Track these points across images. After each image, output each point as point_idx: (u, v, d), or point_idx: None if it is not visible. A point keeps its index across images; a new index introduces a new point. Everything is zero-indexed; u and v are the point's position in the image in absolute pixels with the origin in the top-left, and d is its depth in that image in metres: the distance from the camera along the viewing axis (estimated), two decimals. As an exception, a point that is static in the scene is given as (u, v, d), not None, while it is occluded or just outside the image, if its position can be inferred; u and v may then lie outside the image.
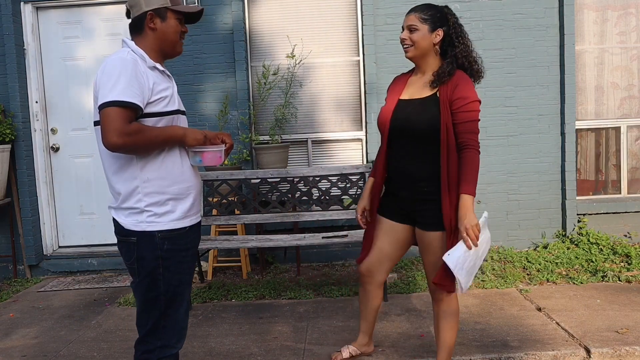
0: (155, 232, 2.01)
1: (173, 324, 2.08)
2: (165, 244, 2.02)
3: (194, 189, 2.14)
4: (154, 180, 2.02)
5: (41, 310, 4.25)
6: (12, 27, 5.02)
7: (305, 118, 5.27)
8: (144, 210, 2.01)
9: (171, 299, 2.07)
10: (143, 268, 2.03)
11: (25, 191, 5.11)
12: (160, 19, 2.08)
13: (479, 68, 2.63)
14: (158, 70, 2.08)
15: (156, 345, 2.06)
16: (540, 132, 5.18)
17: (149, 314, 2.06)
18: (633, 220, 5.20)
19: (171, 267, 2.05)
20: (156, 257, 2.02)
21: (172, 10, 2.09)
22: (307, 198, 4.53)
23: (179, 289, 2.08)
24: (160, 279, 2.03)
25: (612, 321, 3.44)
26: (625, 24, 5.30)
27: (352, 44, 5.24)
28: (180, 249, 2.07)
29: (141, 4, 2.07)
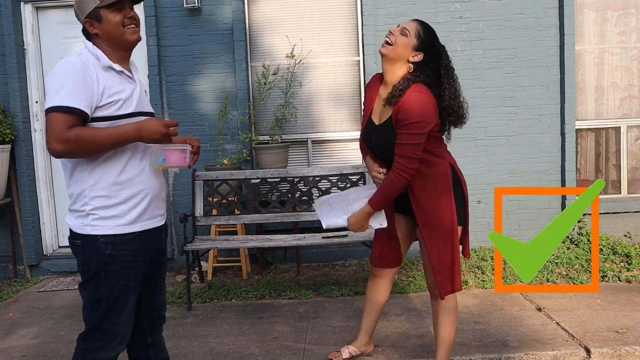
0: (98, 235, 1.99)
1: (113, 327, 2.06)
2: (109, 248, 1.99)
3: (148, 193, 2.08)
4: (102, 184, 1.99)
5: (41, 310, 4.25)
6: (12, 27, 5.02)
7: (305, 118, 5.27)
8: (89, 213, 1.99)
9: (113, 303, 2.03)
10: (87, 271, 2.02)
11: (25, 191, 5.11)
12: (97, 21, 2.04)
13: (463, 113, 2.59)
14: (115, 71, 2.04)
15: (96, 345, 2.06)
16: (540, 132, 5.19)
17: (91, 314, 2.05)
18: (633, 220, 5.20)
19: (115, 272, 2.01)
20: (99, 261, 1.99)
21: (104, 7, 2.03)
22: (307, 198, 4.53)
23: (123, 294, 2.04)
24: (102, 283, 2.01)
25: (612, 321, 3.44)
26: (625, 24, 5.30)
27: (352, 44, 5.24)
28: (126, 254, 2.02)
29: (79, 16, 2.07)
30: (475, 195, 5.21)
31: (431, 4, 5.06)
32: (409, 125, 2.45)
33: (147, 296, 2.22)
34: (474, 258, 4.91)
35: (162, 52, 5.11)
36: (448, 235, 2.62)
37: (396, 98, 2.50)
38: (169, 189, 5.18)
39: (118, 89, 2.01)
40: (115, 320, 2.05)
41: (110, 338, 2.06)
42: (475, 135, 5.17)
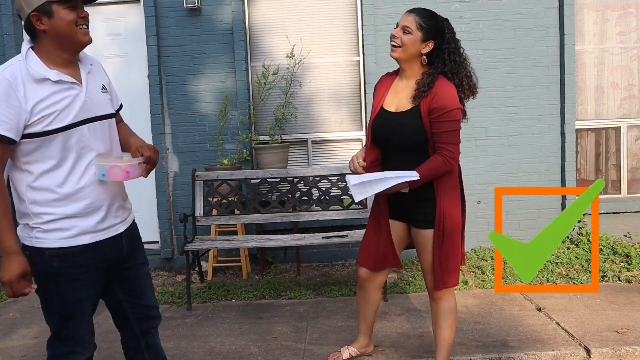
0: (43, 248, 1.91)
1: (74, 334, 2.00)
2: (55, 261, 1.91)
3: (99, 205, 1.98)
4: (42, 199, 1.91)
5: (41, 310, 4.24)
6: (12, 27, 5.02)
7: (305, 118, 5.27)
8: (32, 226, 1.93)
9: (68, 315, 1.97)
10: (37, 282, 1.97)
11: (25, 191, 5.10)
12: (47, 17, 1.84)
13: (472, 84, 2.62)
14: (50, 81, 1.86)
15: (63, 351, 2.02)
16: (540, 132, 5.19)
17: (49, 321, 2.01)
18: (633, 220, 5.20)
19: (63, 284, 1.93)
20: (46, 273, 1.93)
21: (57, 2, 1.83)
22: (307, 198, 4.53)
23: (77, 305, 1.97)
24: (53, 294, 1.95)
25: (612, 321, 3.44)
26: (625, 24, 5.30)
27: (352, 44, 5.24)
28: (75, 266, 1.93)
29: (24, 8, 1.85)
30: (475, 195, 5.21)
31: (431, 4, 5.05)
32: (449, 113, 2.52)
33: (129, 301, 2.14)
34: (474, 258, 4.91)
35: (162, 52, 5.11)
36: (458, 232, 2.66)
37: (426, 92, 2.54)
38: (168, 189, 5.18)
39: (52, 100, 1.85)
40: (74, 329, 1.99)
41: (74, 344, 2.02)
42: (475, 135, 5.17)
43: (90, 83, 2.00)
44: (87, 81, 1.98)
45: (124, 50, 5.27)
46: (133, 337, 2.20)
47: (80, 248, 1.94)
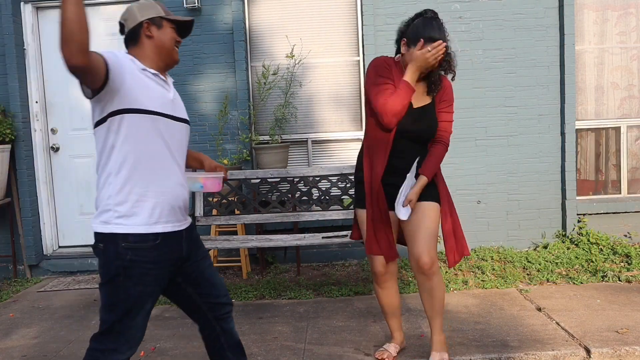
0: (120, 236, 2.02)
1: (127, 331, 2.08)
2: (129, 254, 2.02)
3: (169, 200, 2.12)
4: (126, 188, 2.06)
5: (41, 310, 4.25)
6: (12, 27, 5.02)
7: (305, 118, 5.27)
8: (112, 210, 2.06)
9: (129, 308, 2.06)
10: (106, 274, 2.05)
11: (25, 191, 5.11)
12: (156, 27, 2.17)
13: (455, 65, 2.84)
14: (149, 72, 2.11)
15: (108, 347, 2.08)
16: (540, 132, 5.19)
17: (106, 316, 2.07)
18: (633, 220, 5.20)
19: (133, 277, 2.04)
20: (118, 265, 2.02)
21: (167, 20, 2.19)
22: (307, 198, 4.53)
23: (139, 300, 2.07)
24: (120, 287, 2.04)
25: (612, 321, 3.44)
26: (625, 24, 5.30)
27: (352, 44, 5.24)
28: (146, 261, 2.05)
29: (136, 15, 2.15)
30: (475, 195, 5.21)
31: (431, 4, 5.06)
32: (452, 106, 2.89)
33: (199, 292, 2.28)
34: (474, 258, 4.91)
35: (162, 52, 5.11)
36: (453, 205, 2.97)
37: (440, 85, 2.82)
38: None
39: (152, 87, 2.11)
40: (129, 325, 2.08)
41: (122, 341, 2.08)
42: (475, 135, 5.17)
43: (174, 89, 2.27)
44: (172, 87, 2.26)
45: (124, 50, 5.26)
46: (208, 325, 2.34)
47: (153, 243, 2.06)
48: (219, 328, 2.35)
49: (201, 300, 2.29)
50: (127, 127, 2.02)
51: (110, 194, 2.04)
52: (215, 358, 2.42)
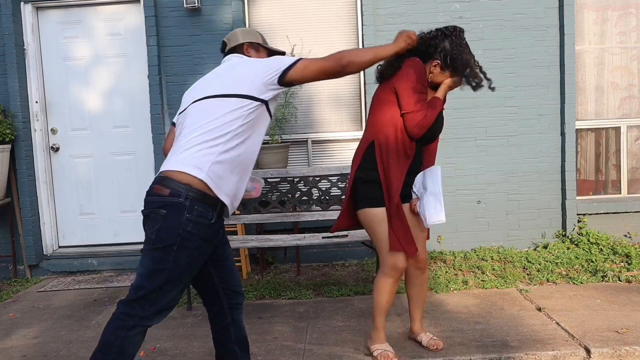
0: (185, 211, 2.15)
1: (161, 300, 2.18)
2: (190, 226, 2.15)
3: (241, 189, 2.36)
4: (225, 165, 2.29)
5: (41, 310, 4.25)
6: (12, 27, 5.02)
7: (305, 118, 5.27)
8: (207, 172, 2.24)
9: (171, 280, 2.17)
10: (160, 240, 2.15)
11: (25, 191, 5.11)
12: (254, 50, 2.55)
13: None
14: None
15: (138, 313, 2.16)
16: (540, 132, 5.19)
17: (145, 282, 2.16)
18: (633, 220, 5.20)
19: (187, 249, 2.16)
20: (177, 234, 2.14)
21: (264, 47, 2.59)
22: (307, 198, 4.53)
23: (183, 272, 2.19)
24: (170, 256, 2.14)
25: (612, 321, 3.44)
26: (625, 24, 5.30)
27: (352, 44, 5.24)
28: (201, 237, 2.19)
29: (238, 37, 2.54)
30: (475, 195, 5.21)
31: (431, 4, 5.06)
32: None
33: (219, 276, 2.44)
34: (474, 258, 4.91)
35: (162, 52, 5.11)
36: None
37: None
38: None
39: None
40: (164, 295, 2.17)
41: (155, 310, 2.18)
42: (475, 135, 5.17)
43: None
44: None
45: (124, 50, 5.27)
46: (221, 312, 2.48)
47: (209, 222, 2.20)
48: (230, 317, 2.47)
49: (221, 284, 2.44)
50: (257, 117, 2.26)
51: (216, 153, 2.18)
52: (221, 350, 2.49)
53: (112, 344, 2.13)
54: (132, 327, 2.15)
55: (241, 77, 2.28)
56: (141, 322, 2.16)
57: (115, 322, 2.15)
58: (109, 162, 5.35)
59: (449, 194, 5.18)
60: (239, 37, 2.54)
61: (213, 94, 2.27)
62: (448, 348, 3.13)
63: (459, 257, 4.96)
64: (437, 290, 4.18)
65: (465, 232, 5.21)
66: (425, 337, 3.16)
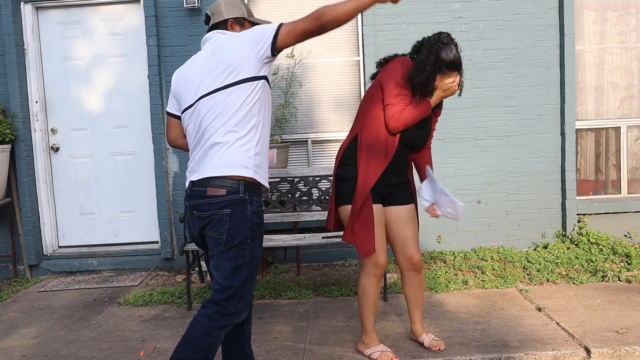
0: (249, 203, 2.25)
1: (246, 294, 2.28)
2: (255, 217, 2.26)
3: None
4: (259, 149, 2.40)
5: (41, 310, 4.25)
6: (12, 27, 5.02)
7: (305, 118, 5.27)
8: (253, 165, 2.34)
9: (253, 269, 2.27)
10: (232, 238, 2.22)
11: (25, 191, 5.11)
12: (239, 25, 2.44)
13: None
14: None
15: (230, 311, 2.24)
16: (540, 132, 5.19)
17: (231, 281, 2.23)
18: (633, 220, 5.20)
19: (257, 239, 2.27)
20: (247, 228, 2.23)
21: (249, 21, 2.47)
22: (307, 198, 4.53)
23: (258, 260, 2.30)
24: (246, 250, 2.24)
25: (612, 321, 3.45)
26: (625, 24, 5.30)
27: (352, 44, 5.24)
28: (262, 224, 2.31)
29: (222, 12, 2.42)
30: (475, 195, 5.21)
31: (431, 4, 5.06)
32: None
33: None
34: (474, 258, 4.91)
35: (162, 52, 5.11)
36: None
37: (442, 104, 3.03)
38: (168, 189, 5.18)
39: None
40: (249, 287, 2.28)
41: (243, 305, 2.27)
42: (475, 135, 5.17)
43: None
44: None
45: (124, 50, 5.27)
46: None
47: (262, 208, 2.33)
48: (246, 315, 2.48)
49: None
50: (263, 93, 2.29)
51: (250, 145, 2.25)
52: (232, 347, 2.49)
53: (203, 342, 2.21)
54: (224, 327, 2.25)
55: (235, 59, 2.24)
56: (231, 320, 2.26)
57: (207, 321, 2.22)
58: (109, 162, 5.35)
59: (449, 194, 5.17)
60: (223, 12, 2.44)
61: (217, 87, 2.25)
62: (448, 348, 3.14)
63: (459, 257, 4.96)
64: (437, 290, 4.18)
65: (465, 232, 5.21)
66: (427, 338, 3.16)
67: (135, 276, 5.03)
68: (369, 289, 2.99)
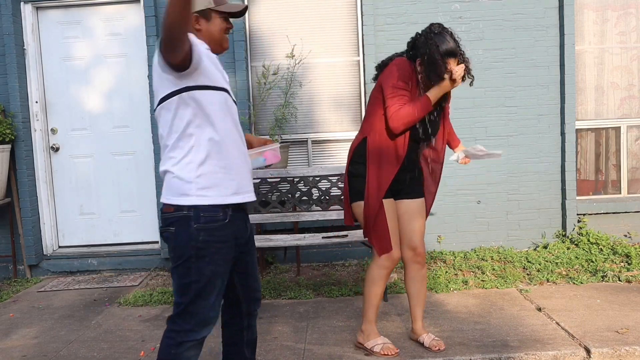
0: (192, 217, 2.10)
1: (201, 311, 2.14)
2: (202, 234, 2.09)
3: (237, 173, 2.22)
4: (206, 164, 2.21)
5: (41, 310, 4.25)
6: (12, 27, 5.01)
7: (305, 118, 5.27)
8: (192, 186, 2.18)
9: (201, 290, 2.13)
10: (178, 256, 2.13)
11: (25, 191, 5.11)
12: (205, 19, 2.16)
13: None
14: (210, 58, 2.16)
15: (184, 328, 2.14)
16: (540, 132, 5.19)
17: (180, 298, 2.14)
18: (633, 220, 5.20)
19: (206, 257, 2.11)
20: (191, 247, 2.10)
21: (216, 12, 2.17)
22: (307, 198, 4.53)
23: (211, 279, 2.13)
24: (193, 267, 2.11)
25: (612, 321, 3.45)
26: (625, 24, 5.30)
27: (352, 44, 5.24)
28: (216, 240, 2.12)
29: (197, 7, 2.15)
30: (475, 195, 5.21)
31: (431, 4, 5.06)
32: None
33: (241, 282, 2.33)
34: (474, 258, 4.91)
35: (162, 52, 5.10)
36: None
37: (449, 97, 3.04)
38: (169, 189, 5.18)
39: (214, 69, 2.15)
40: (202, 305, 2.13)
41: (197, 322, 2.14)
42: (475, 135, 5.17)
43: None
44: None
45: (124, 50, 5.27)
46: (237, 317, 2.38)
47: (223, 223, 2.12)
48: (246, 323, 2.40)
49: (242, 290, 2.34)
50: (201, 103, 2.05)
51: (191, 168, 2.07)
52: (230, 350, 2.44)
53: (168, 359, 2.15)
54: (181, 344, 2.13)
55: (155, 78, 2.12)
56: (188, 337, 2.14)
57: (165, 340, 2.17)
58: (109, 162, 5.35)
59: (449, 194, 5.18)
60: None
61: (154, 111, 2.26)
62: (448, 348, 3.14)
63: (459, 257, 4.96)
64: (437, 290, 4.18)
65: (465, 232, 5.21)
66: (427, 337, 3.16)
67: (135, 276, 5.03)
68: (378, 280, 3.03)
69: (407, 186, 3.07)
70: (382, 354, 3.05)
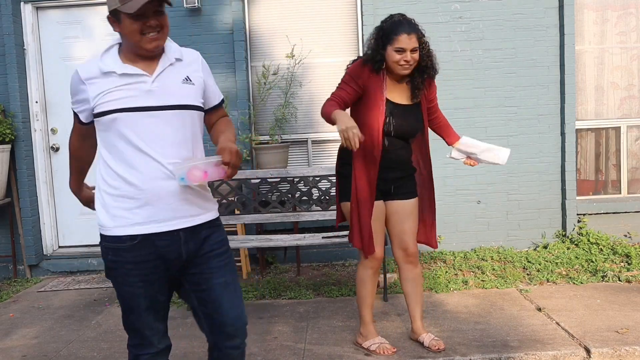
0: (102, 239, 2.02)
1: (138, 327, 2.02)
2: (110, 254, 1.97)
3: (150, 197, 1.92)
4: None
5: (41, 310, 4.25)
6: (12, 27, 5.01)
7: (305, 118, 5.27)
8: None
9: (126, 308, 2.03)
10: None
11: (25, 191, 5.11)
12: (117, 22, 1.99)
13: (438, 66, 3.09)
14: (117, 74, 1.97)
15: (134, 342, 2.06)
16: (540, 132, 5.18)
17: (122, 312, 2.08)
18: (633, 220, 5.20)
19: (117, 278, 1.99)
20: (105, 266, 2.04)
21: (122, 12, 1.96)
22: (307, 198, 4.53)
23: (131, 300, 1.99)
24: (114, 286, 2.05)
25: (612, 321, 3.45)
26: (625, 24, 5.30)
27: (352, 44, 5.23)
28: (125, 262, 1.94)
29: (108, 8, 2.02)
30: (475, 195, 5.21)
31: (431, 4, 5.06)
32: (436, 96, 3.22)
33: (201, 309, 2.04)
34: (474, 258, 4.91)
35: (162, 52, 5.11)
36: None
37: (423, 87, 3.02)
38: (169, 189, 5.18)
39: (116, 90, 1.96)
40: (133, 322, 2.02)
41: (142, 336, 2.03)
42: (475, 135, 5.11)
43: (167, 75, 2.01)
44: (164, 73, 2.00)
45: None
46: (210, 347, 2.12)
47: (131, 244, 1.90)
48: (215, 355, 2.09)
49: (205, 320, 2.04)
50: (98, 132, 2.00)
51: (95, 193, 2.02)
52: None
53: None
54: (137, 357, 2.05)
55: None
56: (140, 351, 2.03)
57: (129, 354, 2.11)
58: (109, 162, 5.34)
59: (449, 194, 5.18)
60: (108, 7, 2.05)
61: None
62: (448, 348, 3.14)
63: (459, 257, 4.96)
64: (437, 290, 4.18)
65: (465, 232, 5.21)
66: (427, 337, 3.16)
67: (135, 276, 5.02)
68: (366, 279, 3.09)
69: (398, 186, 3.07)
70: (378, 353, 3.07)
